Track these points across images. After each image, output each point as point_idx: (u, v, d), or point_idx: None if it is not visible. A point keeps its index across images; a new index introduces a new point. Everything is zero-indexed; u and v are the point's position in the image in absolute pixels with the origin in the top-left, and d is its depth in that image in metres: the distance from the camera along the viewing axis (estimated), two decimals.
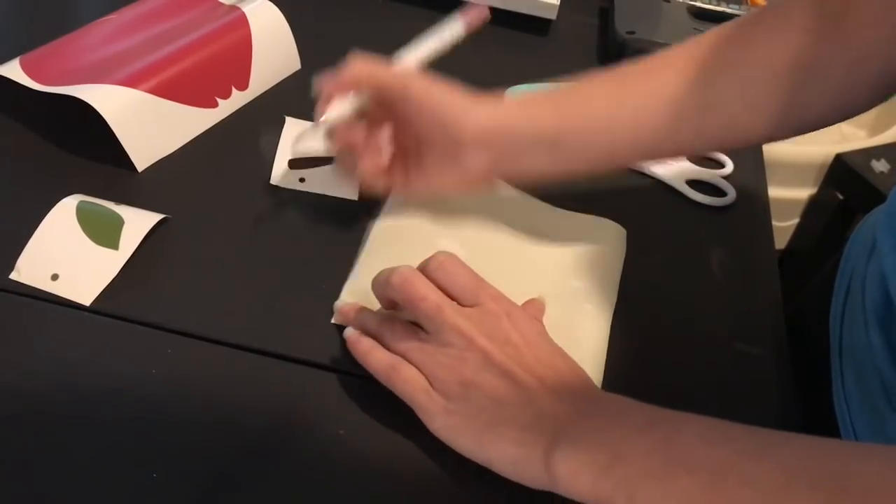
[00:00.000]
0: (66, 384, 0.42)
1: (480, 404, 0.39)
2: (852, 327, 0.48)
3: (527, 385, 0.39)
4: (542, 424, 0.38)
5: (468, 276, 0.43)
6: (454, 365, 0.40)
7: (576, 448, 0.36)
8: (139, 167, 0.55)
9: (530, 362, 0.40)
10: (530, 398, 0.39)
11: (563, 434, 0.37)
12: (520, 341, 0.41)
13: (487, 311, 0.42)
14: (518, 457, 0.38)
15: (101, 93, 0.52)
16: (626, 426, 0.37)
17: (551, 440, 0.37)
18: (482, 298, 0.42)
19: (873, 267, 0.46)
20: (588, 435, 0.37)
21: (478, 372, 0.40)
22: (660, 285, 0.52)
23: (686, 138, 0.47)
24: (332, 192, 0.56)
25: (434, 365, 0.40)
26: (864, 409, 0.45)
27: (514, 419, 0.38)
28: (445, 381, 0.40)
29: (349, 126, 0.48)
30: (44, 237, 0.47)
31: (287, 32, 0.65)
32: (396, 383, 0.41)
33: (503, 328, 0.41)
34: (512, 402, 0.39)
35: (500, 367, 0.40)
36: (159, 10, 0.63)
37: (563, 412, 0.38)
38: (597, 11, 0.83)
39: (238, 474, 0.39)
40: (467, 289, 0.42)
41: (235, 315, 0.46)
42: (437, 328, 0.41)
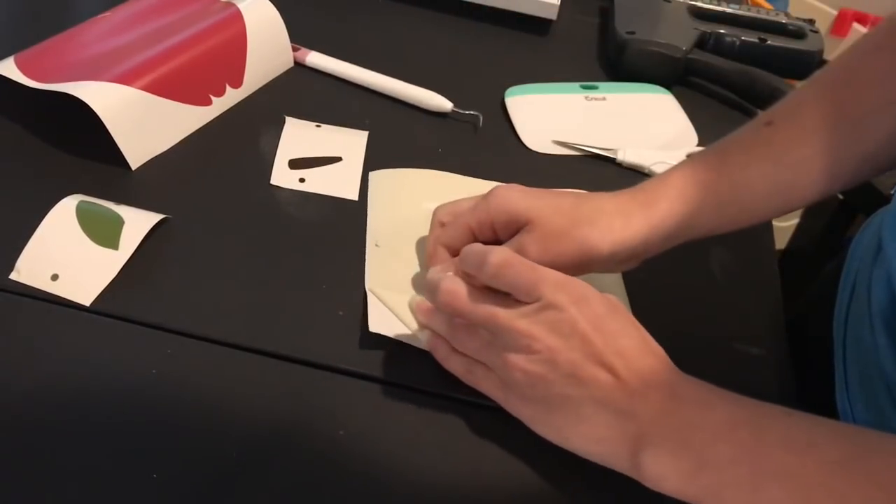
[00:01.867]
0: (66, 384, 0.42)
1: (554, 403, 0.39)
2: (857, 328, 0.48)
3: (598, 382, 0.38)
4: (622, 424, 0.38)
5: (524, 273, 0.40)
6: (521, 366, 0.39)
7: (660, 452, 0.36)
8: (133, 165, 0.55)
9: (598, 351, 0.38)
10: (603, 396, 0.38)
11: (646, 436, 0.37)
12: (587, 329, 0.38)
13: (549, 305, 0.39)
14: (602, 453, 0.39)
15: (96, 90, 0.52)
16: (708, 428, 0.37)
17: (634, 442, 0.37)
18: (542, 292, 0.39)
19: (879, 268, 0.46)
20: (671, 438, 0.37)
21: (548, 372, 0.39)
22: (660, 286, 0.52)
23: (839, 189, 0.48)
24: (332, 191, 0.56)
25: (502, 366, 0.40)
26: (867, 409, 0.45)
27: (591, 419, 0.38)
28: (515, 381, 0.40)
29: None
30: (44, 237, 0.47)
31: (282, 29, 0.65)
32: (475, 384, 0.42)
33: (567, 319, 0.38)
34: (585, 402, 0.38)
35: (565, 364, 0.38)
36: (154, 7, 0.63)
37: (642, 410, 0.38)
38: (597, 11, 0.83)
39: (238, 474, 0.39)
40: (524, 286, 0.40)
41: (235, 315, 0.46)
42: (499, 334, 0.40)
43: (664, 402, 0.38)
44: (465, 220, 0.46)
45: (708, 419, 0.37)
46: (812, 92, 0.48)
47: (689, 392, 0.39)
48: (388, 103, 0.65)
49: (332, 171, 0.57)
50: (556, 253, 0.44)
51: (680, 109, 0.69)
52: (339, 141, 0.60)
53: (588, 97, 0.69)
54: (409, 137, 0.62)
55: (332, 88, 0.66)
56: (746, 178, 0.46)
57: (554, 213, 0.44)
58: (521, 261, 0.40)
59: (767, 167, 0.46)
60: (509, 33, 0.77)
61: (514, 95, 0.68)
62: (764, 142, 0.47)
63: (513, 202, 0.45)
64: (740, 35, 0.75)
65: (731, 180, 0.46)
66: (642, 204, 0.45)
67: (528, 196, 0.45)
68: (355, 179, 0.57)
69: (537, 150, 0.63)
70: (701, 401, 0.38)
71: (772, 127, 0.47)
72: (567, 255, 0.44)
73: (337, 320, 0.47)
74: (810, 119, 0.46)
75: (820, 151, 0.46)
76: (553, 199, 0.45)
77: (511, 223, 0.45)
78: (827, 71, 0.49)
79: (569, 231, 0.44)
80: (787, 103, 0.48)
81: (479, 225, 0.46)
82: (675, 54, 0.72)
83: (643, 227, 0.45)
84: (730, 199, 0.46)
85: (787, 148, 0.46)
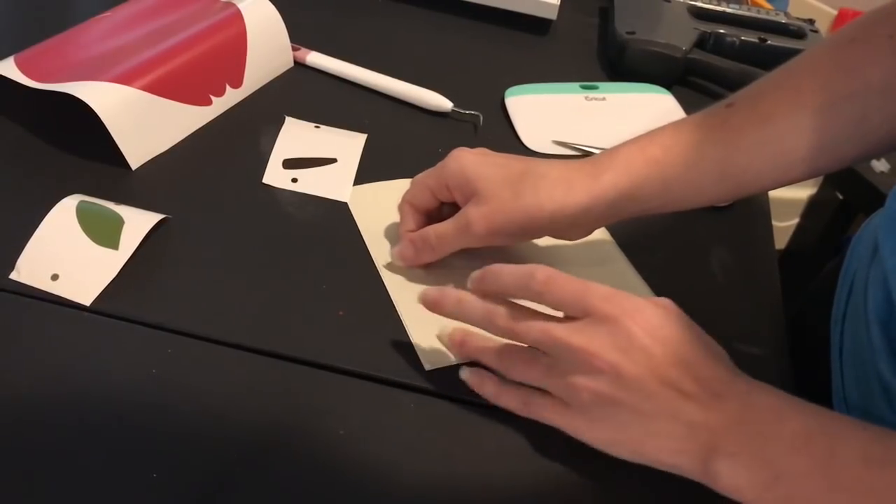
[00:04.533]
0: (65, 384, 0.42)
1: (623, 420, 0.38)
2: (854, 330, 0.48)
3: (665, 394, 0.37)
4: (695, 435, 0.37)
5: (570, 289, 0.39)
6: (585, 385, 0.38)
7: (734, 462, 0.36)
8: (133, 165, 0.55)
9: (661, 362, 0.37)
10: (674, 409, 0.37)
11: (719, 446, 0.36)
12: (645, 340, 0.37)
13: (602, 319, 0.38)
14: (677, 465, 0.38)
15: (96, 90, 0.52)
16: (783, 439, 0.36)
17: (708, 452, 0.36)
18: (592, 305, 0.38)
19: (876, 269, 0.46)
20: (745, 449, 0.36)
21: (612, 389, 0.37)
22: (660, 285, 0.52)
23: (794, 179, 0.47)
24: (324, 192, 0.55)
25: (564, 389, 0.39)
26: (864, 410, 0.45)
27: (663, 433, 0.37)
28: (582, 403, 0.39)
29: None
30: (44, 237, 0.47)
31: (281, 29, 0.65)
32: (537, 414, 0.41)
33: (623, 332, 0.38)
34: (655, 416, 0.37)
35: (632, 380, 0.37)
36: (154, 7, 0.63)
37: (714, 420, 0.37)
38: (597, 11, 0.83)
39: (238, 474, 0.39)
40: (572, 302, 0.39)
41: (235, 315, 0.46)
42: (557, 354, 0.39)
43: (737, 411, 0.37)
44: (424, 180, 0.49)
45: (783, 430, 0.36)
46: (776, 78, 0.48)
47: (762, 400, 0.38)
48: (388, 103, 0.65)
49: (325, 173, 0.57)
50: (500, 224, 0.46)
51: (680, 109, 0.69)
52: (335, 142, 0.60)
53: (588, 97, 0.69)
54: (409, 137, 0.62)
55: (332, 88, 0.66)
56: (696, 157, 0.46)
57: (500, 185, 0.46)
58: (565, 276, 0.40)
59: (719, 149, 0.46)
60: (509, 33, 0.77)
61: (514, 95, 0.68)
62: (720, 123, 0.46)
63: (465, 166, 0.47)
64: (740, 35, 0.75)
65: (681, 158, 0.46)
66: (588, 174, 0.46)
67: (479, 163, 0.47)
68: (348, 181, 0.56)
69: (537, 149, 0.63)
70: (774, 409, 0.37)
71: (731, 108, 0.47)
72: (511, 224, 0.46)
73: (337, 320, 0.47)
74: (769, 104, 0.46)
75: (774, 137, 0.45)
76: (502, 168, 0.47)
77: (462, 187, 0.47)
78: (796, 59, 0.48)
79: (511, 203, 0.45)
80: (751, 87, 0.48)
81: (437, 185, 0.48)
82: (675, 54, 0.72)
83: (584, 196, 0.45)
84: (677, 178, 0.46)
85: (741, 131, 0.46)
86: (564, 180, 0.46)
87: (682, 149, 0.46)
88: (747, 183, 0.47)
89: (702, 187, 0.47)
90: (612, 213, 0.47)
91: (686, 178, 0.46)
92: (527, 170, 0.47)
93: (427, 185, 0.49)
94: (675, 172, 0.46)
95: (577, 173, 0.46)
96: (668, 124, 0.48)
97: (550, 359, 0.40)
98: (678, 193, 0.47)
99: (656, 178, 0.46)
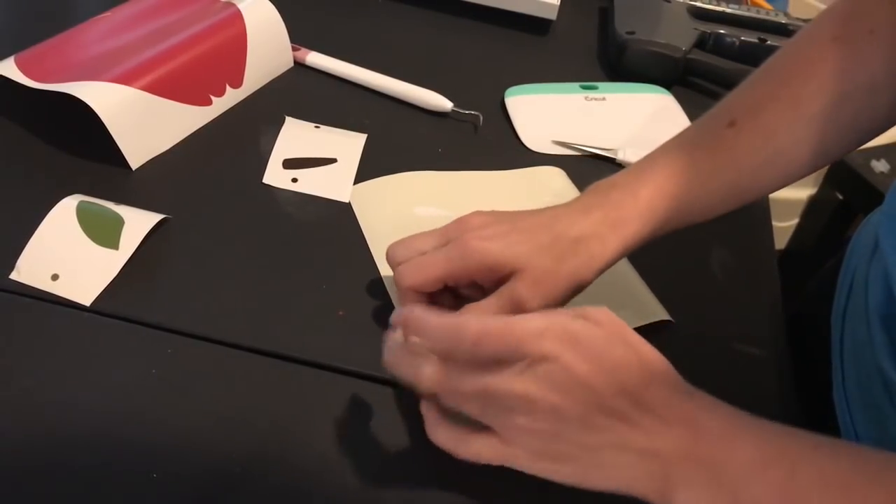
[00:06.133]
0: (66, 384, 0.42)
1: (571, 455, 0.36)
2: (854, 326, 0.48)
3: (610, 426, 0.36)
4: (645, 464, 0.35)
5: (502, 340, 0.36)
6: (528, 427, 0.36)
7: (692, 490, 0.35)
8: (133, 165, 0.55)
9: (603, 393, 0.35)
10: (621, 440, 0.36)
11: (674, 477, 0.35)
12: (584, 374, 0.35)
13: (539, 359, 0.36)
14: (633, 492, 0.36)
15: (96, 90, 0.52)
16: (738, 465, 0.35)
17: (663, 482, 0.35)
18: (527, 349, 0.36)
19: (876, 266, 0.46)
20: (700, 479, 0.35)
21: (558, 428, 0.36)
22: (660, 285, 0.52)
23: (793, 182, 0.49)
24: (324, 192, 0.55)
25: (509, 435, 0.37)
26: (864, 407, 0.45)
27: (611, 464, 0.36)
28: (530, 446, 0.37)
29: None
30: (44, 237, 0.47)
31: (282, 29, 0.65)
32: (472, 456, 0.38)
33: (561, 370, 0.35)
34: (601, 448, 0.36)
35: (575, 418, 0.35)
36: (154, 7, 0.63)
37: (663, 447, 0.35)
38: (597, 11, 0.83)
39: (238, 474, 0.39)
40: (507, 353, 0.36)
41: (235, 315, 0.46)
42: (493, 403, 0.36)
43: (686, 437, 0.36)
44: (436, 271, 0.43)
45: (735, 456, 0.35)
46: (769, 87, 0.48)
47: (711, 423, 0.36)
48: (388, 103, 0.65)
49: (325, 173, 0.57)
50: (549, 292, 0.43)
51: (680, 109, 0.69)
52: (335, 142, 0.60)
53: (588, 97, 0.69)
54: (409, 137, 0.62)
55: (332, 88, 0.66)
56: (712, 185, 0.47)
57: (538, 256, 0.43)
58: (494, 325, 0.37)
59: (731, 175, 0.48)
60: (509, 33, 0.77)
61: (514, 95, 0.68)
62: (728, 147, 0.47)
63: (492, 255, 0.43)
64: (740, 35, 0.75)
65: (697, 189, 0.47)
66: (614, 224, 0.45)
67: (502, 246, 0.43)
68: (348, 181, 0.56)
69: (537, 150, 0.63)
70: (724, 435, 0.36)
71: (734, 129, 0.47)
72: (559, 290, 0.44)
73: (337, 320, 0.47)
74: (769, 118, 0.47)
75: (780, 152, 0.47)
76: (528, 241, 0.44)
77: (492, 273, 0.43)
78: (783, 62, 0.49)
79: (556, 269, 0.43)
80: (746, 99, 0.49)
81: (454, 275, 0.44)
82: (674, 54, 0.72)
83: (618, 246, 0.45)
84: (692, 207, 0.47)
85: (750, 154, 0.47)
86: (596, 237, 0.45)
87: (697, 181, 0.47)
88: (753, 195, 0.49)
89: (713, 208, 0.49)
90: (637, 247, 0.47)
91: (700, 205, 0.48)
92: (554, 235, 0.44)
93: (437, 275, 0.44)
94: (691, 203, 0.47)
95: (604, 226, 0.45)
96: (676, 148, 0.48)
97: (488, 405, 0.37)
98: (693, 219, 0.48)
99: (675, 216, 0.47)
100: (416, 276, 0.44)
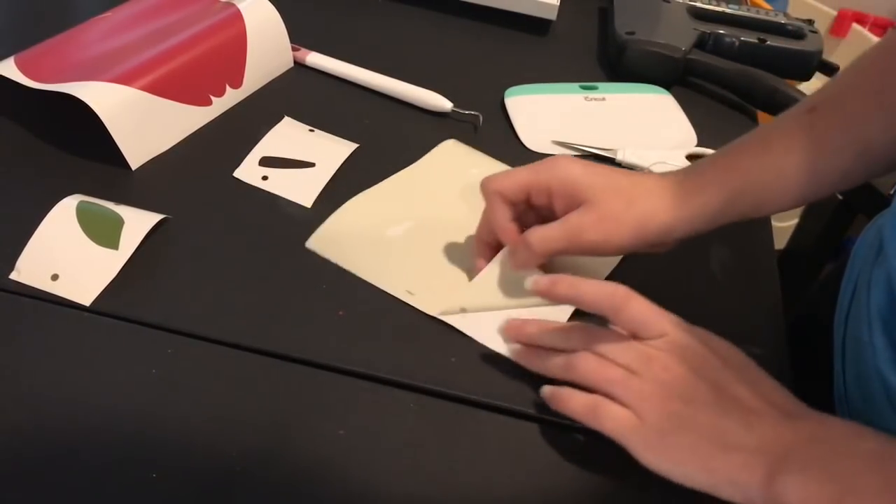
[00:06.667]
0: (65, 384, 0.42)
1: (700, 432, 0.38)
2: (856, 328, 0.48)
3: (738, 409, 0.38)
4: (766, 449, 0.37)
5: (647, 310, 0.42)
6: (662, 398, 0.39)
7: (805, 477, 0.35)
8: (133, 165, 0.55)
9: (732, 381, 0.39)
10: (748, 421, 0.38)
11: (790, 460, 0.36)
12: (718, 363, 0.40)
13: (676, 340, 0.41)
14: (746, 481, 0.37)
15: (96, 90, 0.52)
16: (858, 457, 0.36)
17: (776, 465, 0.36)
18: (665, 328, 0.41)
19: (879, 269, 0.46)
20: (817, 463, 0.36)
21: (687, 403, 0.39)
22: (659, 285, 0.52)
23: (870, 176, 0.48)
24: (287, 194, 0.55)
25: (640, 400, 0.39)
26: (864, 409, 0.45)
27: (737, 445, 0.37)
28: (657, 416, 0.39)
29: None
30: (44, 237, 0.47)
31: (282, 29, 0.65)
32: (604, 422, 0.40)
33: (697, 352, 0.40)
34: (730, 428, 0.38)
35: (708, 394, 0.39)
36: (154, 7, 0.63)
37: (787, 436, 0.37)
38: (597, 11, 0.83)
39: (238, 474, 0.39)
40: (648, 323, 0.42)
41: (235, 315, 0.46)
42: (636, 363, 0.40)
43: (811, 429, 0.38)
44: (523, 177, 0.47)
45: (858, 448, 0.36)
46: (853, 78, 0.48)
47: (836, 423, 0.38)
48: (389, 103, 0.65)
49: (297, 175, 0.56)
50: (611, 232, 0.45)
51: (679, 110, 0.69)
52: (321, 147, 0.59)
53: (588, 97, 0.69)
54: (409, 137, 0.62)
55: (332, 88, 0.66)
56: (788, 164, 0.46)
57: (612, 195, 0.46)
58: (641, 298, 0.42)
59: (809, 154, 0.46)
60: (509, 33, 0.77)
61: (514, 95, 0.68)
62: (807, 128, 0.47)
63: (574, 175, 0.46)
64: (740, 35, 0.75)
65: (774, 168, 0.46)
66: (689, 191, 0.47)
67: (588, 173, 0.47)
68: (316, 188, 0.55)
69: (537, 150, 0.63)
70: (850, 430, 0.38)
71: (815, 114, 0.47)
72: (621, 232, 0.46)
73: (337, 320, 0.47)
74: (850, 106, 0.46)
75: (858, 139, 0.46)
76: (609, 178, 0.47)
77: (568, 195, 0.46)
78: (869, 57, 0.48)
79: (624, 212, 0.46)
80: (829, 89, 0.48)
81: (536, 184, 0.47)
82: (674, 54, 0.72)
83: (687, 213, 0.46)
84: (768, 187, 0.47)
85: (828, 134, 0.46)
86: (672, 194, 0.46)
87: (772, 159, 0.47)
88: (828, 185, 0.47)
89: (790, 192, 0.47)
90: (708, 226, 0.47)
91: (776, 186, 0.47)
92: (633, 181, 0.47)
93: (523, 181, 0.47)
94: (767, 183, 0.47)
95: (680, 190, 0.47)
96: (754, 133, 0.49)
97: (625, 367, 0.41)
98: (769, 202, 0.47)
99: (750, 191, 0.47)
100: (503, 180, 0.48)
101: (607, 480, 0.41)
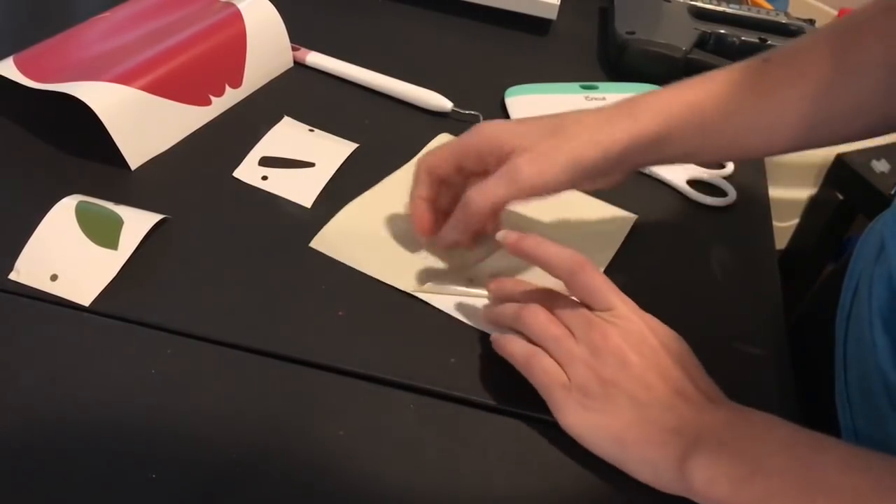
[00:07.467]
0: (65, 384, 0.42)
1: (621, 404, 0.39)
2: (858, 327, 0.48)
3: (665, 388, 0.40)
4: (684, 428, 0.38)
5: (600, 281, 0.43)
6: (594, 363, 0.40)
7: (717, 456, 0.36)
8: (132, 165, 0.55)
9: (666, 363, 0.41)
10: (671, 402, 0.39)
11: (705, 441, 0.37)
12: (656, 344, 0.41)
13: (621, 315, 0.42)
14: (657, 459, 0.38)
15: (95, 90, 0.52)
16: (770, 441, 0.37)
17: (691, 445, 0.37)
18: (614, 302, 0.42)
19: (881, 267, 0.46)
20: (730, 445, 0.37)
21: (617, 372, 0.40)
22: (660, 285, 0.52)
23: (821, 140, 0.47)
24: (287, 194, 0.55)
25: (573, 361, 0.41)
26: (865, 408, 0.45)
27: (656, 421, 0.38)
28: (585, 379, 0.40)
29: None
30: (43, 237, 0.47)
31: (282, 29, 0.65)
32: (535, 371, 0.42)
33: (637, 330, 0.41)
34: (652, 405, 0.39)
35: (638, 368, 0.40)
36: (154, 7, 0.63)
37: (705, 419, 0.38)
38: (597, 11, 0.83)
39: (238, 474, 0.39)
40: (598, 294, 0.42)
41: (235, 315, 0.46)
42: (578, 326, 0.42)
43: (728, 416, 0.39)
44: (450, 148, 0.48)
45: (770, 434, 0.37)
46: (814, 38, 0.48)
47: (754, 413, 0.39)
48: (388, 103, 0.65)
49: (297, 175, 0.56)
50: (547, 168, 0.45)
51: None
52: (321, 147, 0.59)
53: (588, 97, 0.69)
54: (409, 137, 0.62)
55: (332, 88, 0.66)
56: (733, 108, 0.46)
57: (540, 136, 0.46)
58: (597, 270, 0.43)
59: (754, 101, 0.46)
60: (509, 33, 0.77)
61: (514, 95, 0.68)
62: (756, 77, 0.47)
63: (500, 129, 0.47)
64: (740, 35, 0.75)
65: (718, 106, 0.46)
66: (626, 115, 0.46)
67: (514, 124, 0.48)
68: (316, 188, 0.55)
69: None
70: (765, 420, 0.39)
71: (768, 64, 0.47)
72: (556, 168, 0.45)
73: (337, 320, 0.47)
74: (805, 62, 0.46)
75: (808, 95, 0.45)
76: (535, 123, 0.47)
77: (499, 150, 0.46)
78: (834, 22, 0.48)
79: (556, 148, 0.45)
80: (788, 46, 0.48)
81: (464, 152, 0.47)
82: (675, 54, 0.72)
83: (624, 135, 0.46)
84: (713, 123, 0.46)
85: (777, 86, 0.46)
86: (604, 120, 0.46)
87: (719, 96, 0.46)
88: (775, 142, 0.47)
89: (736, 137, 0.47)
90: (651, 155, 0.47)
91: (722, 127, 0.46)
92: (561, 120, 0.47)
93: (451, 153, 0.48)
94: (712, 119, 0.46)
95: (615, 115, 0.47)
96: (703, 75, 0.48)
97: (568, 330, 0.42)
98: (713, 140, 0.47)
99: (694, 121, 0.46)
100: (431, 157, 0.48)
101: (607, 480, 0.41)
